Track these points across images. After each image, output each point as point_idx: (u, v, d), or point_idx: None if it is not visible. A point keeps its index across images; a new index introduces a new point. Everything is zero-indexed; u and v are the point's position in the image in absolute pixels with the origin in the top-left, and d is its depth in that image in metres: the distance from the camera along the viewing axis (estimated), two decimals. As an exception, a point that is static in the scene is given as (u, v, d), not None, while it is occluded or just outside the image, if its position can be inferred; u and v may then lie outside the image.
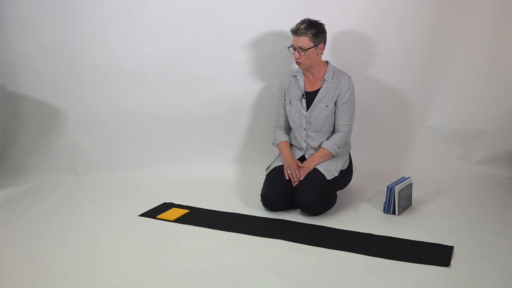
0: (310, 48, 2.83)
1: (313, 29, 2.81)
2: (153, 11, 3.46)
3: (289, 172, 2.85)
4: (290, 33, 2.89)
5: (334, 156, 2.92)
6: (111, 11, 3.47)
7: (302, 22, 2.84)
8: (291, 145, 3.09)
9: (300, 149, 3.02)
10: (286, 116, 3.10)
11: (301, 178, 2.82)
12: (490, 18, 3.35)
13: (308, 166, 2.87)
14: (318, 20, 2.87)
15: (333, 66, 3.01)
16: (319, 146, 2.95)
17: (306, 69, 2.95)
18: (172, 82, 3.57)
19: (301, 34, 2.81)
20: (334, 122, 2.96)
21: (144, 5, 3.46)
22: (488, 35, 3.38)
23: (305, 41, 2.81)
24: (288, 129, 3.14)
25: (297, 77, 3.02)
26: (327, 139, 2.94)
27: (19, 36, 3.55)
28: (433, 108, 3.55)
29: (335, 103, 2.93)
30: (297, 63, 2.89)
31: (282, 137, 3.08)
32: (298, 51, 2.84)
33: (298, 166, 2.88)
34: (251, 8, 3.41)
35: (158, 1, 3.45)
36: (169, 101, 3.60)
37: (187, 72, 3.55)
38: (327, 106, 2.92)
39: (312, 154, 2.94)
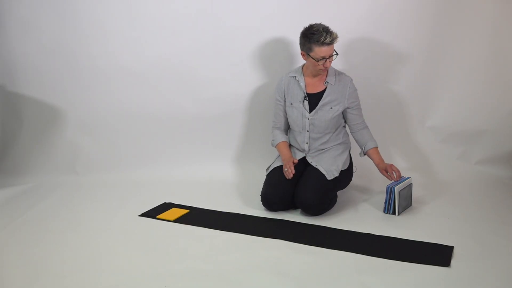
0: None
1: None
2: (153, 11, 3.46)
3: (285, 170, 2.85)
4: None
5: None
6: (111, 11, 3.47)
7: (328, 30, 2.74)
8: (290, 145, 3.09)
9: (301, 150, 3.02)
10: (284, 117, 3.08)
11: (398, 177, 2.82)
12: (490, 18, 3.35)
13: (384, 163, 2.90)
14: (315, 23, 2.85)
15: (333, 68, 3.00)
16: (361, 151, 3.00)
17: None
18: (172, 82, 3.57)
19: (335, 41, 2.77)
20: (350, 123, 2.98)
21: (144, 5, 3.46)
22: (488, 35, 3.38)
23: (334, 46, 2.80)
24: (287, 130, 3.14)
25: (296, 78, 2.99)
26: (365, 141, 2.97)
27: (19, 36, 3.56)
28: (433, 108, 3.55)
29: (345, 108, 2.93)
30: (324, 69, 2.84)
31: (281, 137, 3.07)
32: (329, 59, 2.79)
33: (294, 162, 2.88)
34: (251, 8, 3.40)
35: (158, 1, 3.44)
36: (169, 101, 3.60)
37: (187, 72, 3.55)
38: (331, 108, 2.92)
39: (374, 157, 2.94)
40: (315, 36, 2.72)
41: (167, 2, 3.44)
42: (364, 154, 3.00)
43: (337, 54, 2.82)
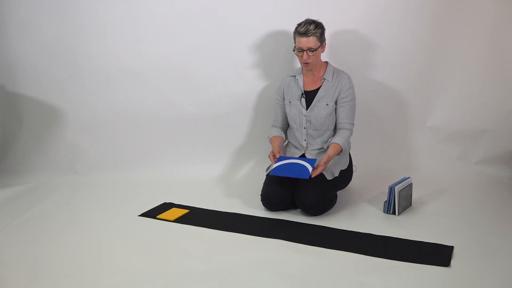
0: (318, 48, 2.83)
1: (320, 29, 2.84)
2: (153, 11, 3.46)
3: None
4: (290, 33, 2.89)
5: (342, 151, 2.89)
6: (112, 10, 3.47)
7: (308, 22, 2.82)
8: (289, 144, 3.10)
9: (300, 148, 3.02)
10: (283, 116, 3.11)
11: (316, 174, 2.73)
12: (490, 18, 3.35)
13: (326, 160, 2.76)
14: (317, 19, 2.88)
15: (333, 66, 3.01)
16: (327, 144, 2.93)
17: (310, 69, 2.95)
18: (172, 82, 3.57)
19: (311, 34, 2.80)
20: (336, 120, 2.97)
21: (144, 5, 3.46)
22: (488, 35, 3.38)
23: (314, 41, 2.81)
24: (286, 129, 3.16)
25: (296, 77, 3.03)
26: (335, 137, 2.91)
27: (19, 36, 3.55)
28: (432, 108, 3.55)
29: (336, 101, 2.93)
30: (306, 63, 2.88)
31: (274, 132, 3.10)
32: (307, 53, 2.83)
33: (275, 157, 2.88)
34: (252, 8, 3.41)
35: (158, 1, 3.45)
36: (169, 101, 3.60)
37: (187, 72, 3.55)
38: (327, 105, 2.92)
39: (328, 151, 2.84)
40: (297, 27, 2.84)
41: (167, 2, 3.44)
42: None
43: (315, 49, 2.82)
